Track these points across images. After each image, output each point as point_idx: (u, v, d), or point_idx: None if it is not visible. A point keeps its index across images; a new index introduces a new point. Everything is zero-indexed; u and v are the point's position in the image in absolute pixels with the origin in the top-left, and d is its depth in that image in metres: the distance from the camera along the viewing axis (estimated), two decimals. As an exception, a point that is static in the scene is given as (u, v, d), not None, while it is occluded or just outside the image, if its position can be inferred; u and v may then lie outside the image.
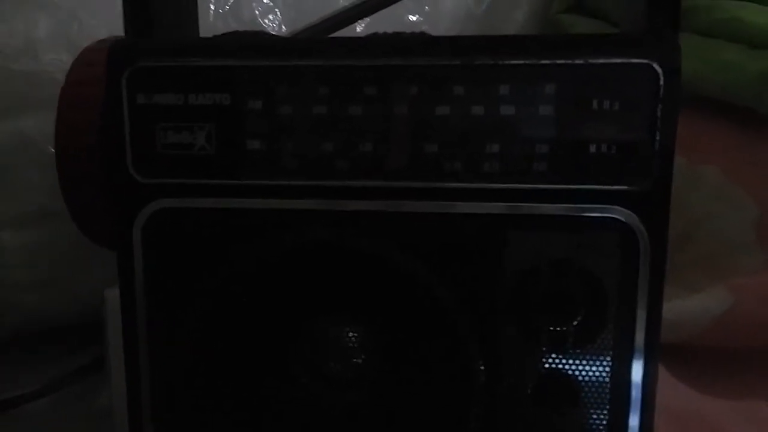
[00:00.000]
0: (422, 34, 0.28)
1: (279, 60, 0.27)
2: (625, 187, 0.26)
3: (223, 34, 0.29)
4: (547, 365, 0.27)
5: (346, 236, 0.27)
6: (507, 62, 0.26)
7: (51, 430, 0.43)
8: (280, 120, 0.27)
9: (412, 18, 0.49)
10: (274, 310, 0.29)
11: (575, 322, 0.27)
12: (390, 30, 0.28)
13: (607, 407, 0.27)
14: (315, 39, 0.35)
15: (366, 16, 0.37)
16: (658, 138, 0.25)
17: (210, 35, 0.30)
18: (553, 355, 0.27)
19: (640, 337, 0.27)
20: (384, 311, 0.28)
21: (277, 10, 0.45)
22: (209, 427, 0.29)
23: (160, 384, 0.29)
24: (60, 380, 0.44)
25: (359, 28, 0.46)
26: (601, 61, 0.25)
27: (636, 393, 0.27)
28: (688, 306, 0.41)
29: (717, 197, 0.44)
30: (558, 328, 0.27)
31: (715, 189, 0.45)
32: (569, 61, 0.25)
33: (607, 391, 0.27)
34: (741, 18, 0.45)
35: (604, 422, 0.27)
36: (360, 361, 0.29)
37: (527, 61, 0.25)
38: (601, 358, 0.27)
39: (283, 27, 0.45)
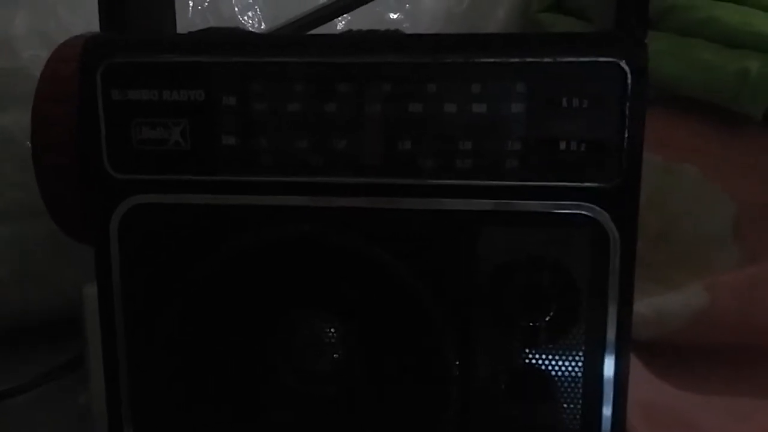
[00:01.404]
0: (396, 31, 0.28)
1: (253, 57, 0.27)
2: (594, 184, 0.26)
3: (199, 31, 0.30)
4: (520, 360, 0.28)
5: (321, 232, 0.27)
6: (478, 60, 0.26)
7: (33, 427, 0.43)
8: (254, 116, 0.27)
9: (393, 16, 0.49)
10: (251, 305, 0.29)
11: (547, 318, 0.27)
12: (370, 28, 0.28)
13: (580, 401, 0.28)
14: (289, 36, 0.35)
15: (345, 13, 0.38)
16: (626, 135, 0.25)
17: (187, 32, 0.30)
18: (527, 350, 0.28)
19: (611, 332, 0.27)
20: (360, 307, 0.29)
21: (256, 6, 0.45)
22: (188, 422, 0.29)
23: (139, 380, 0.29)
24: (42, 377, 0.43)
25: (339, 26, 0.46)
26: (570, 59, 0.25)
27: (608, 387, 0.27)
28: (666, 302, 0.41)
29: (695, 195, 0.45)
30: (531, 323, 0.27)
31: (692, 187, 0.45)
32: (539, 60, 0.25)
33: (579, 385, 0.28)
34: (717, 17, 0.45)
35: (577, 416, 0.28)
36: (338, 356, 0.30)
37: (498, 60, 0.26)
38: (574, 352, 0.27)
39: (263, 24, 0.45)
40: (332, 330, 0.29)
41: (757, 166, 0.44)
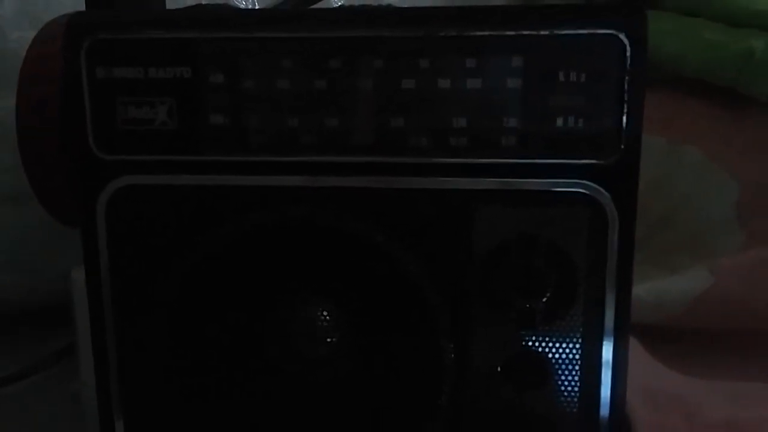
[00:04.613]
0: (388, 6, 0.27)
1: (240, 32, 0.26)
2: (593, 161, 0.26)
3: (186, 7, 0.29)
4: (516, 343, 0.27)
5: (313, 213, 0.27)
6: (472, 34, 0.25)
7: (25, 414, 0.43)
8: (242, 94, 0.26)
9: (391, -4, 0.48)
10: (243, 289, 0.28)
11: (544, 299, 0.27)
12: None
13: (578, 385, 0.27)
14: (278, 11, 0.35)
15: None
16: (625, 110, 0.25)
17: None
18: (523, 333, 0.27)
19: (609, 315, 0.27)
20: (354, 288, 0.28)
21: (251, -14, 0.44)
22: (180, 408, 0.29)
23: (129, 366, 0.29)
24: (35, 364, 0.43)
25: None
26: (568, 32, 0.25)
27: (606, 371, 0.27)
28: (668, 287, 0.41)
29: (698, 177, 0.44)
30: (527, 305, 0.27)
31: (696, 169, 0.44)
32: (535, 32, 0.25)
33: (577, 369, 0.27)
34: (721, -4, 0.44)
35: (575, 400, 0.27)
36: (332, 340, 0.29)
37: (493, 33, 0.25)
38: (571, 335, 0.27)
39: (257, 4, 0.44)
40: (326, 314, 0.29)
41: (761, 148, 0.44)
